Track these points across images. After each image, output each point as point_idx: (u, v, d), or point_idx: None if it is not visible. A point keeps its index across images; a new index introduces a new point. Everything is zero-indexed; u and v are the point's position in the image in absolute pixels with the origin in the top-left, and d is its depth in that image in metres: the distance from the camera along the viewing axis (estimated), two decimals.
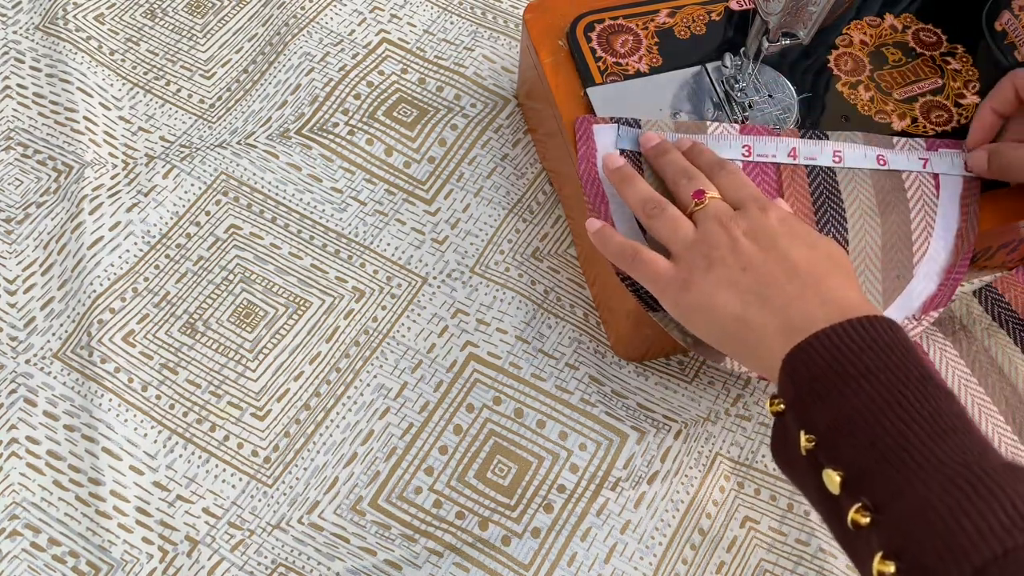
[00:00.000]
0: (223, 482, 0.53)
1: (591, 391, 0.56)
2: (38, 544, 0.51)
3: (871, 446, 0.35)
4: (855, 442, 0.36)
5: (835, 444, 0.37)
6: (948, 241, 0.52)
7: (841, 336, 0.38)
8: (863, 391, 0.37)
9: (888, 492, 0.35)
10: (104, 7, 0.69)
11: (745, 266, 0.43)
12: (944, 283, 0.51)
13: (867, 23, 0.59)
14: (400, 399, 0.56)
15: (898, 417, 0.35)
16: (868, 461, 0.35)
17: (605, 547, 0.52)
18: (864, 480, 0.35)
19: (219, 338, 0.57)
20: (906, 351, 0.38)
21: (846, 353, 0.38)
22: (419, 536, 0.52)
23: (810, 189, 0.52)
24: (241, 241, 0.60)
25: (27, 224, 0.60)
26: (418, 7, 0.70)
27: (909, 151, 0.53)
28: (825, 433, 0.37)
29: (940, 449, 0.34)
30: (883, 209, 0.52)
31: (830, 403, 0.37)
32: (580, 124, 0.53)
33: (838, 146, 0.52)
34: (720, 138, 0.52)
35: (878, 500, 0.35)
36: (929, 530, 0.32)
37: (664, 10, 0.58)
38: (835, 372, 0.38)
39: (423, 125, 0.65)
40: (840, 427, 0.37)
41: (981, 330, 0.58)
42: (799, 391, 0.39)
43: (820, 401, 0.38)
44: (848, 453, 0.36)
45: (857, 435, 0.36)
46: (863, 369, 0.37)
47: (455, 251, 0.60)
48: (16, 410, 0.54)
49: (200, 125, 0.64)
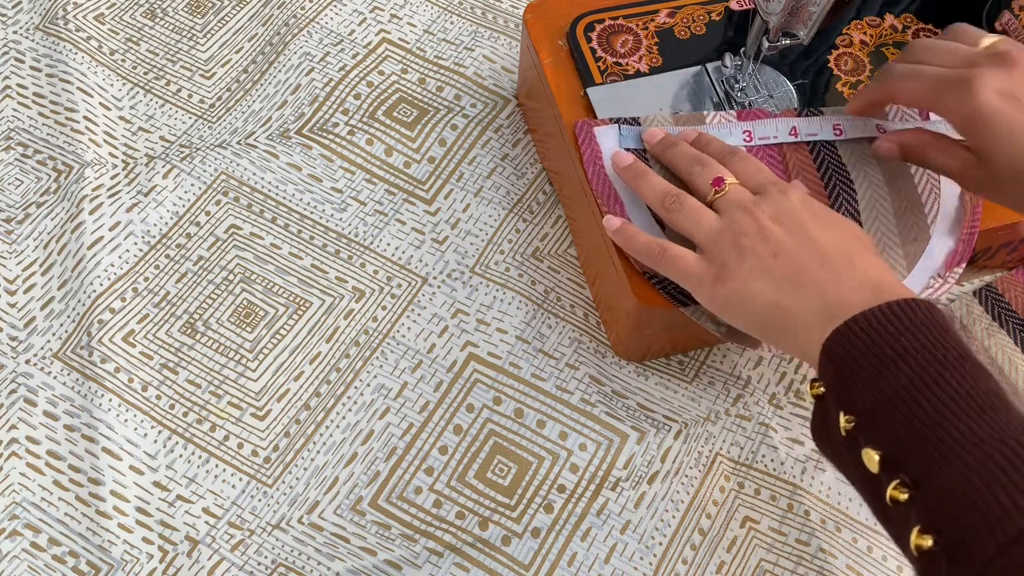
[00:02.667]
0: (223, 482, 0.53)
1: (591, 391, 0.56)
2: (38, 544, 0.51)
3: (909, 425, 0.36)
4: (894, 421, 0.36)
5: (874, 424, 0.37)
6: (956, 198, 0.52)
7: (880, 319, 0.39)
8: (901, 372, 0.37)
9: (926, 468, 0.35)
10: (104, 7, 0.69)
11: (776, 252, 0.43)
12: (962, 237, 0.51)
13: (867, 23, 0.59)
14: (400, 399, 0.56)
15: (935, 396, 0.36)
16: (906, 439, 0.36)
17: (605, 547, 0.52)
18: (902, 458, 0.36)
19: (219, 338, 0.57)
20: (943, 331, 0.38)
21: (884, 336, 0.38)
22: (419, 536, 0.52)
23: (816, 166, 0.52)
24: (241, 241, 0.60)
25: (27, 224, 0.60)
26: (418, 7, 0.70)
27: (904, 121, 0.53)
28: (864, 413, 0.38)
29: (977, 425, 0.34)
30: (888, 178, 0.52)
31: (869, 384, 0.37)
32: (580, 128, 0.53)
33: (837, 120, 0.52)
34: (720, 127, 0.52)
35: (916, 476, 0.35)
36: (966, 504, 0.33)
37: (664, 10, 0.58)
38: (874, 355, 0.38)
39: (423, 125, 0.65)
40: (879, 407, 0.37)
41: (981, 330, 0.58)
42: (839, 374, 0.39)
43: (859, 383, 0.38)
44: (886, 432, 0.36)
45: (896, 415, 0.36)
46: (900, 351, 0.37)
47: (455, 251, 0.60)
48: (16, 410, 0.54)
49: (200, 125, 0.64)
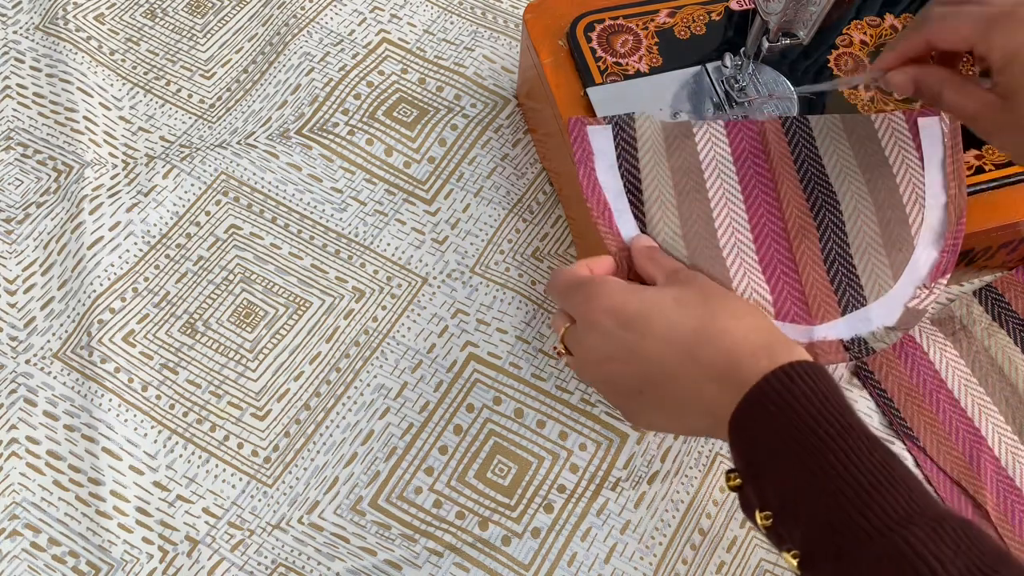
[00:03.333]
0: (223, 482, 0.53)
1: (591, 391, 0.56)
2: (38, 544, 0.51)
3: (812, 522, 0.36)
4: (805, 516, 0.36)
5: (787, 520, 0.37)
6: (940, 209, 0.52)
7: (782, 385, 0.38)
8: (814, 450, 0.36)
9: (837, 571, 0.35)
10: (104, 7, 0.69)
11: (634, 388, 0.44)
12: (946, 248, 0.51)
13: (867, 23, 0.59)
14: (400, 399, 0.56)
15: (824, 490, 0.35)
16: (812, 540, 0.36)
17: (605, 547, 0.52)
18: (815, 560, 0.36)
19: (219, 338, 0.57)
20: (824, 399, 0.37)
21: (792, 407, 0.37)
22: (419, 536, 0.52)
23: (799, 177, 0.52)
24: (241, 241, 0.60)
25: (27, 224, 0.60)
26: (418, 7, 0.70)
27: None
28: (778, 509, 0.37)
29: (867, 519, 0.34)
30: (872, 188, 0.52)
31: (780, 471, 0.37)
32: (574, 126, 0.52)
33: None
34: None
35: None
36: None
37: (664, 10, 0.58)
38: (782, 429, 0.37)
39: (423, 125, 0.65)
40: (791, 500, 0.37)
41: (981, 330, 0.58)
42: (748, 460, 0.39)
43: (770, 471, 0.38)
44: (799, 530, 0.36)
45: (808, 507, 0.36)
46: (810, 423, 0.37)
47: (455, 251, 0.60)
48: (16, 410, 0.54)
49: (200, 125, 0.64)
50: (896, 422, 0.55)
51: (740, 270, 0.49)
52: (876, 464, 0.35)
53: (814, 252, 0.50)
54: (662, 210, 0.50)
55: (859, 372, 0.57)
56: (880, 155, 0.52)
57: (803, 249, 0.50)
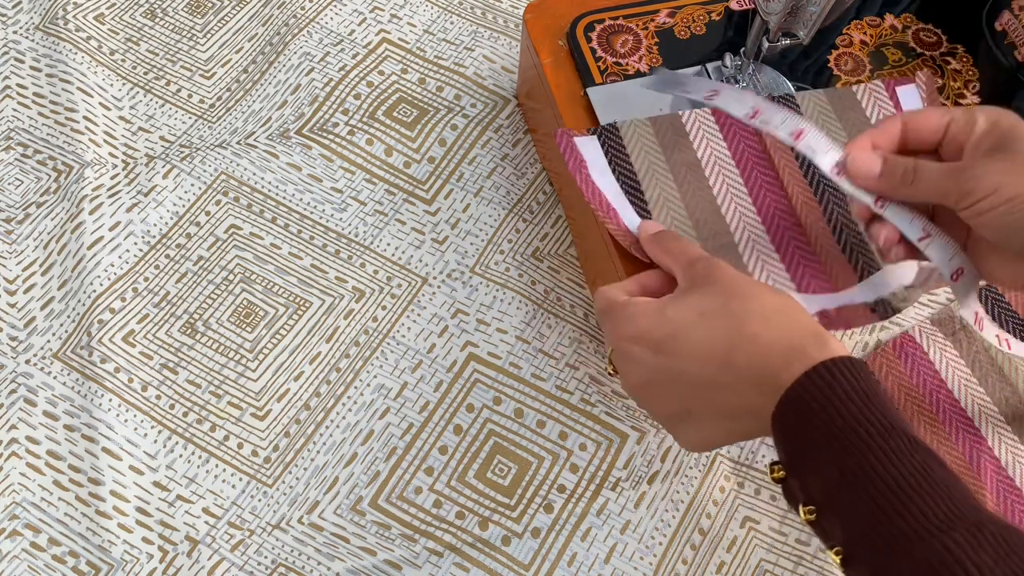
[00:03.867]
0: (223, 482, 0.53)
1: (591, 391, 0.56)
2: (38, 544, 0.51)
3: (852, 523, 0.35)
4: (849, 514, 0.36)
5: (831, 517, 0.36)
6: None
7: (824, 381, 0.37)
8: (854, 448, 0.36)
9: (880, 567, 0.34)
10: (104, 7, 0.69)
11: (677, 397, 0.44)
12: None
13: (867, 23, 0.59)
14: (400, 399, 0.56)
15: (865, 491, 0.35)
16: (853, 540, 0.35)
17: (605, 547, 0.52)
18: (855, 561, 0.35)
19: (219, 338, 0.57)
20: (866, 397, 0.36)
21: (833, 401, 0.37)
22: (419, 536, 0.52)
23: (798, 164, 0.52)
24: (241, 241, 0.60)
25: (27, 224, 0.60)
26: (418, 7, 0.70)
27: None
28: (822, 505, 0.37)
29: (907, 522, 0.33)
30: (853, 137, 0.52)
31: (823, 467, 0.37)
32: (560, 138, 0.51)
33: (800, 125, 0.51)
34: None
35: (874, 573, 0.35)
36: None
37: (664, 10, 0.58)
38: (825, 425, 0.37)
39: (423, 125, 0.65)
40: (834, 496, 0.36)
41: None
42: (792, 452, 0.38)
43: (813, 465, 0.37)
44: (842, 527, 0.36)
45: (851, 504, 0.36)
46: (852, 422, 0.36)
47: (455, 251, 0.60)
48: (16, 410, 0.54)
49: (200, 125, 0.64)
50: None
51: (753, 254, 0.49)
52: (917, 466, 0.35)
53: (821, 224, 0.51)
54: (667, 207, 0.50)
55: None
56: (867, 125, 0.53)
57: (811, 222, 0.51)
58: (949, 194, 0.40)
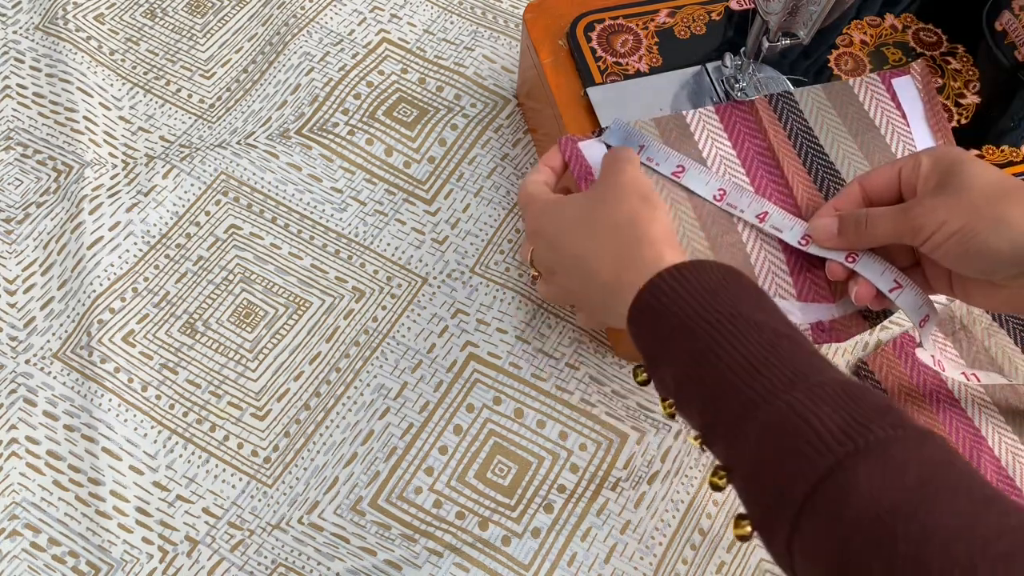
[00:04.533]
0: (223, 482, 0.53)
1: (591, 391, 0.56)
2: (38, 544, 0.51)
3: (704, 402, 0.37)
4: (690, 404, 0.38)
5: (682, 402, 0.39)
6: (927, 137, 0.53)
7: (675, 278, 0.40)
8: (678, 355, 0.39)
9: (724, 454, 0.37)
10: (104, 7, 0.69)
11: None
12: None
13: (867, 23, 0.59)
14: (400, 399, 0.56)
15: (714, 370, 0.37)
16: (706, 419, 0.38)
17: (605, 547, 0.52)
18: (713, 437, 0.37)
19: (219, 338, 0.57)
20: (714, 292, 0.39)
21: (683, 295, 0.39)
22: (419, 536, 0.52)
23: (786, 133, 0.53)
24: (241, 241, 0.60)
25: (27, 224, 0.60)
26: (418, 7, 0.70)
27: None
28: (675, 394, 0.40)
29: (754, 390, 0.35)
30: (853, 132, 0.53)
31: (673, 357, 0.39)
32: (565, 145, 0.51)
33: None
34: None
35: (726, 459, 0.37)
36: (758, 487, 0.34)
37: (664, 10, 0.58)
38: (675, 315, 0.39)
39: (423, 125, 0.65)
40: (680, 387, 0.39)
41: (981, 330, 0.58)
42: (647, 346, 0.41)
43: (665, 357, 0.40)
44: (692, 409, 0.39)
45: (692, 396, 0.38)
46: (669, 333, 0.39)
47: (455, 251, 0.60)
48: (16, 410, 0.54)
49: (200, 125, 0.64)
50: None
51: (761, 253, 0.49)
52: (764, 343, 0.37)
53: None
54: (674, 206, 0.50)
55: (859, 372, 0.57)
56: (866, 118, 0.54)
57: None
58: (903, 233, 0.43)
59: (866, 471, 0.31)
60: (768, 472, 0.33)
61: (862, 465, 0.31)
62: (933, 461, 0.31)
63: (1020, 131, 0.56)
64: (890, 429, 0.32)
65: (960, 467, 0.31)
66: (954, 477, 0.31)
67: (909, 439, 0.32)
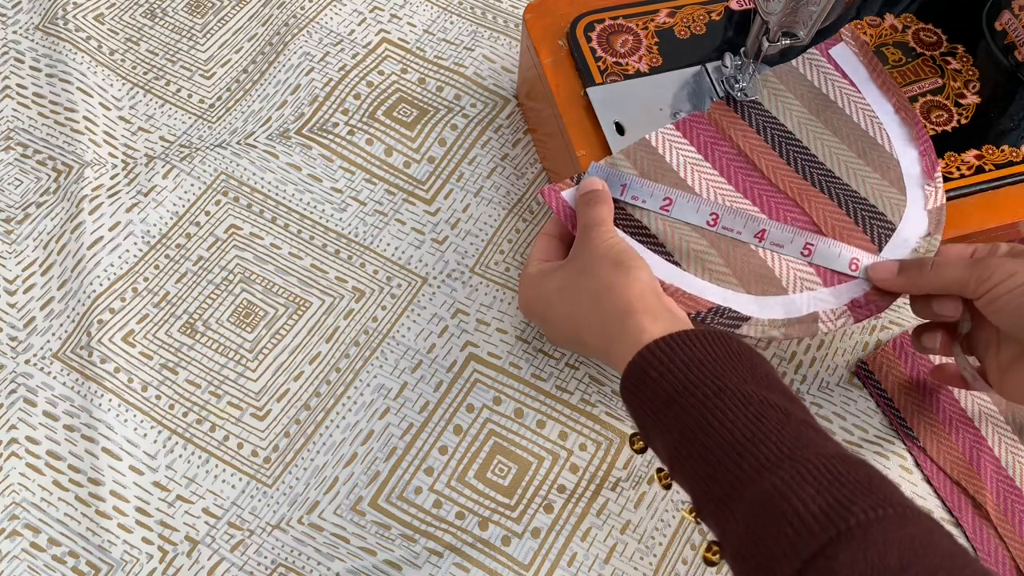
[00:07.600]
0: (223, 482, 0.53)
1: (591, 391, 0.56)
2: (38, 544, 0.51)
3: (695, 478, 0.38)
4: (681, 477, 0.39)
5: (676, 472, 0.40)
6: (891, 116, 0.54)
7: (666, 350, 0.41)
8: (668, 430, 0.39)
9: (715, 530, 0.37)
10: (104, 7, 0.69)
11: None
12: (921, 144, 0.53)
13: (867, 23, 0.59)
14: (400, 399, 0.56)
15: (704, 446, 0.38)
16: (698, 494, 0.38)
17: (605, 547, 0.52)
18: (703, 513, 0.38)
19: (219, 338, 0.57)
20: (701, 364, 0.40)
21: (673, 368, 0.40)
22: (419, 536, 0.52)
23: (747, 122, 0.53)
24: (241, 241, 0.60)
25: (27, 224, 0.60)
26: (418, 7, 0.70)
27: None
28: (669, 463, 0.40)
29: (741, 468, 0.36)
30: (815, 111, 0.54)
31: (663, 431, 0.40)
32: (548, 195, 0.51)
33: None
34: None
35: (718, 532, 0.37)
36: (746, 567, 0.35)
37: (664, 10, 0.58)
38: (663, 390, 0.40)
39: (423, 125, 0.65)
40: (672, 460, 0.39)
41: None
42: (638, 417, 0.42)
43: (655, 429, 0.40)
44: (686, 486, 0.39)
45: (683, 470, 0.39)
46: (659, 408, 0.40)
47: (455, 251, 0.60)
48: (16, 410, 0.54)
49: (200, 125, 0.64)
50: (896, 422, 0.55)
51: (775, 256, 0.50)
52: (751, 418, 0.37)
53: (824, 203, 0.51)
54: (673, 230, 0.50)
55: (859, 372, 0.57)
56: (820, 95, 0.54)
57: (813, 206, 0.51)
58: (967, 282, 0.44)
59: (848, 557, 0.31)
60: (755, 554, 0.34)
61: (843, 552, 0.31)
62: (915, 543, 0.32)
63: (1020, 131, 0.56)
64: (870, 511, 0.32)
65: (943, 548, 0.32)
66: (936, 559, 0.31)
67: (890, 519, 0.32)
